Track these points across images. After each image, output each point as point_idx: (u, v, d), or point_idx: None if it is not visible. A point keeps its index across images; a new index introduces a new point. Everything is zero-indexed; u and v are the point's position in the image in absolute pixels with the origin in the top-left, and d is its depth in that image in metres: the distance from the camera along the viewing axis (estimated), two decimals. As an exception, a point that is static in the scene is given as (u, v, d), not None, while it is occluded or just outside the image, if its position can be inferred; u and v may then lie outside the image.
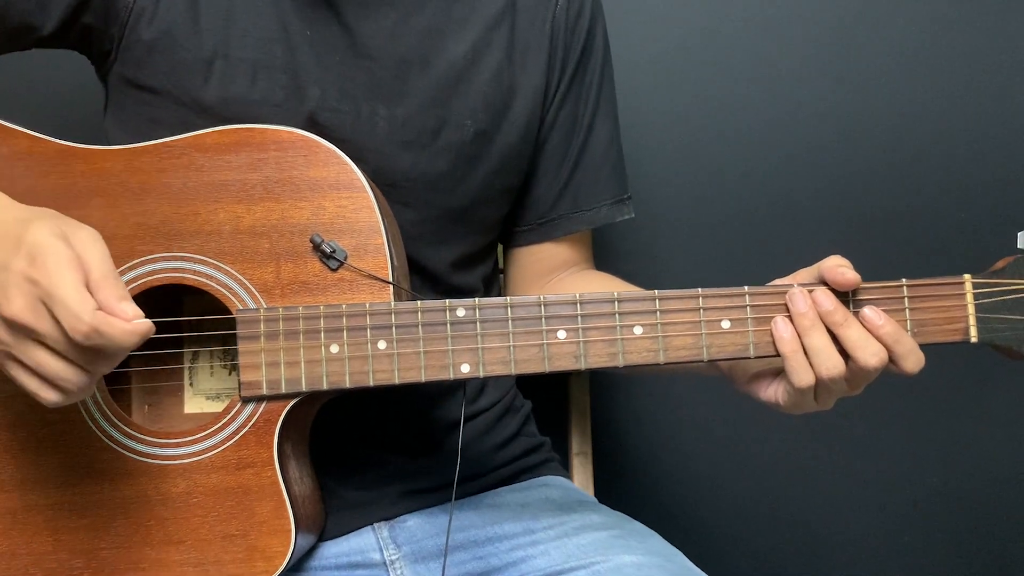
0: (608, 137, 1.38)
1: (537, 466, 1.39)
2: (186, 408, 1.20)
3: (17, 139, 1.11)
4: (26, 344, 0.94)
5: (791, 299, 1.07)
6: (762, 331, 1.08)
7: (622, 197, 1.39)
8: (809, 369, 1.06)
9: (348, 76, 1.22)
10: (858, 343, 1.05)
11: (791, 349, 1.06)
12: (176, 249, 1.10)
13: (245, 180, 1.10)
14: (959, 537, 1.86)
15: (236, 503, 1.09)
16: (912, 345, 1.06)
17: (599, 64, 1.36)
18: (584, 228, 1.39)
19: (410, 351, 1.08)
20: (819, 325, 1.06)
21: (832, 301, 1.06)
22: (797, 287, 1.07)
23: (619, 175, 1.39)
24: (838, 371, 1.05)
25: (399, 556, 1.25)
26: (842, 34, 1.77)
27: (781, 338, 1.07)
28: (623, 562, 1.16)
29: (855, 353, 1.05)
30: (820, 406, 1.11)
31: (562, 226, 1.37)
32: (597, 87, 1.36)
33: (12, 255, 0.94)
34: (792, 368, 1.06)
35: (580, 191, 1.36)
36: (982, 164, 1.78)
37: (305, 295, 1.09)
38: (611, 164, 1.38)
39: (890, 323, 1.06)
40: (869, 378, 1.08)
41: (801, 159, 1.78)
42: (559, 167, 1.35)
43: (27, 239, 0.93)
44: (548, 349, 1.08)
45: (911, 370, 1.06)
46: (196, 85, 1.18)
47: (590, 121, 1.36)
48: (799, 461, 1.84)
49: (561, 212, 1.37)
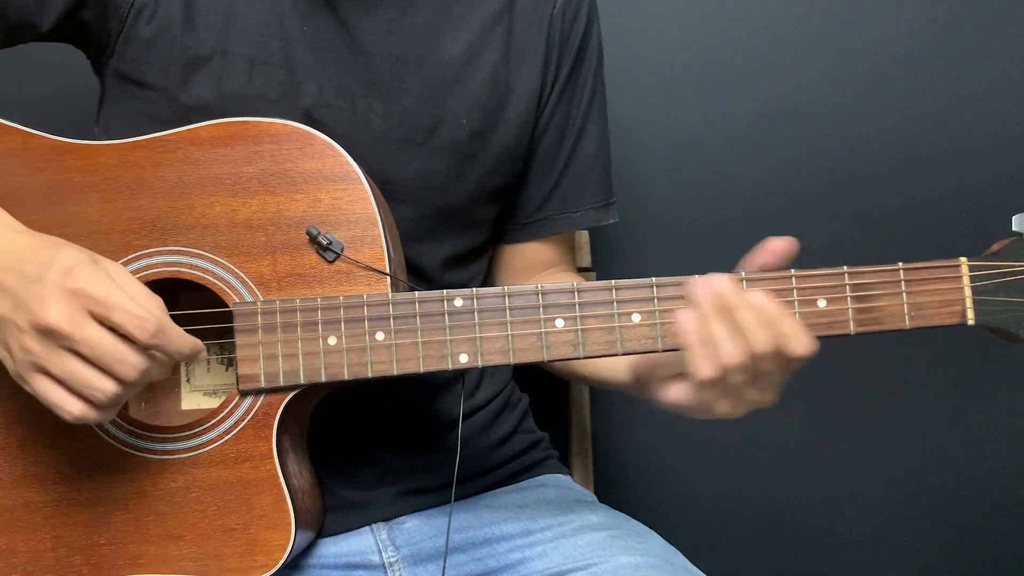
0: (598, 141, 1.38)
1: (536, 465, 1.39)
2: (183, 405, 1.20)
3: (11, 135, 1.11)
4: (58, 353, 0.95)
5: (692, 287, 1.04)
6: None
7: (608, 202, 1.40)
8: (709, 361, 1.02)
9: (345, 72, 1.22)
10: (748, 328, 1.02)
11: (694, 340, 1.03)
12: (172, 243, 1.10)
13: (240, 173, 1.10)
14: (959, 537, 1.86)
15: (235, 497, 1.09)
16: (797, 327, 1.03)
17: (593, 68, 1.37)
18: (570, 230, 1.40)
19: (408, 342, 1.07)
20: (719, 314, 1.02)
21: (727, 284, 1.03)
22: (696, 277, 1.05)
23: (606, 180, 1.40)
24: (736, 359, 1.01)
25: (398, 558, 1.25)
26: (836, 27, 1.78)
27: (684, 330, 1.03)
28: (622, 563, 1.15)
29: (747, 337, 1.02)
30: (728, 411, 1.06)
31: (548, 227, 1.38)
32: (590, 91, 1.36)
33: (46, 269, 0.96)
34: (692, 360, 1.03)
35: (568, 193, 1.37)
36: (975, 151, 1.79)
37: (302, 287, 1.09)
38: (600, 168, 1.39)
39: (775, 306, 1.03)
40: (768, 373, 1.04)
41: (797, 154, 1.79)
42: (550, 169, 1.36)
43: (59, 260, 0.96)
44: (546, 338, 1.08)
45: (800, 353, 1.02)
46: (193, 81, 1.18)
47: (582, 124, 1.36)
48: (799, 461, 1.84)
49: (549, 213, 1.37)
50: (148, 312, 0.96)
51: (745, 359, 1.02)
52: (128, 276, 0.99)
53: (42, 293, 0.95)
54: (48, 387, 0.97)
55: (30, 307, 0.95)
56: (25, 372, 0.97)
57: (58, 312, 0.94)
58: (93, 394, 0.96)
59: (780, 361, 1.03)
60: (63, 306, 0.94)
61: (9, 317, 0.96)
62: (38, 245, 1.00)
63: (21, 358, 0.96)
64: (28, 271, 0.97)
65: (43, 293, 0.95)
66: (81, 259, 0.97)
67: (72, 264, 0.96)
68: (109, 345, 0.95)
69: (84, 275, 0.95)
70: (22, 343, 0.96)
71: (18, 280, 0.97)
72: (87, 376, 0.95)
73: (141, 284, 0.99)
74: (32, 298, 0.95)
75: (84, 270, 0.96)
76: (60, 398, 0.96)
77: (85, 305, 0.95)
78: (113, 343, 0.95)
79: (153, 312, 0.97)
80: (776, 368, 1.04)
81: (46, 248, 0.99)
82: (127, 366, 0.95)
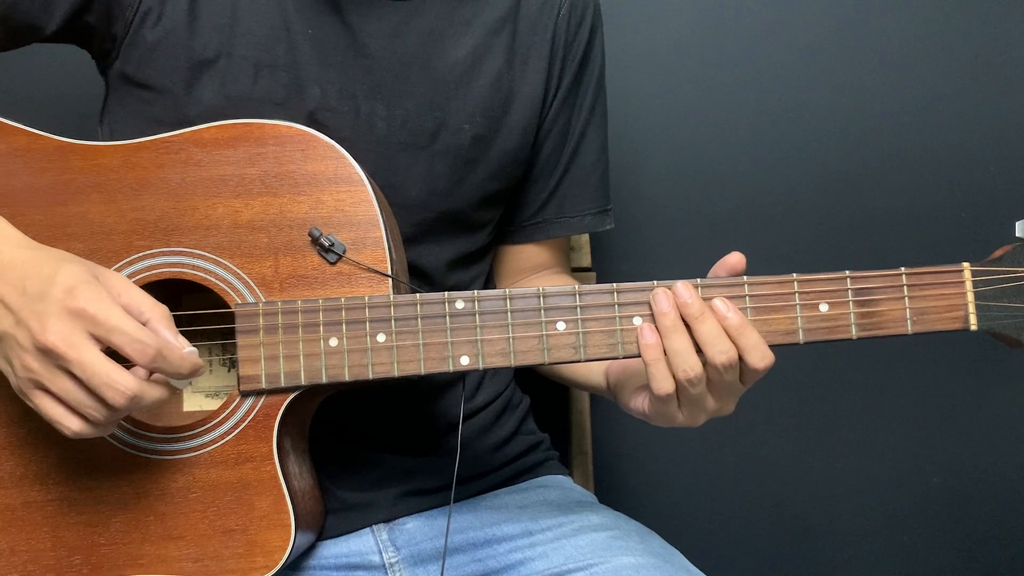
0: (599, 147, 1.39)
1: (536, 466, 1.39)
2: (185, 406, 1.20)
3: (15, 136, 1.11)
4: (56, 372, 0.96)
5: (654, 298, 1.05)
6: (760, 320, 1.07)
7: (606, 208, 1.41)
8: (669, 376, 1.03)
9: (349, 75, 1.22)
10: (709, 339, 1.02)
11: (653, 356, 1.04)
12: (174, 244, 1.10)
13: (243, 175, 1.10)
14: (959, 537, 1.86)
15: (235, 498, 1.09)
16: (757, 340, 1.03)
17: (595, 75, 1.37)
18: (566, 234, 1.40)
19: (409, 343, 1.07)
20: (680, 326, 1.03)
21: (690, 294, 1.04)
22: (659, 289, 1.06)
23: (604, 186, 1.41)
24: (695, 372, 1.02)
25: (398, 559, 1.25)
26: (837, 30, 1.78)
27: (645, 345, 1.04)
28: (622, 563, 1.16)
29: (707, 350, 1.02)
30: (688, 421, 1.07)
31: (546, 230, 1.38)
32: (592, 97, 1.37)
33: (48, 286, 0.96)
34: (652, 375, 1.04)
35: (567, 198, 1.37)
36: (979, 157, 1.79)
37: (304, 289, 1.09)
38: (599, 175, 1.39)
39: (738, 315, 1.03)
40: (727, 384, 1.05)
41: (799, 156, 1.78)
42: (550, 174, 1.36)
43: (61, 278, 0.97)
44: (547, 340, 1.07)
45: (757, 365, 1.03)
46: (198, 84, 1.18)
47: (583, 130, 1.36)
48: (799, 461, 1.84)
49: (546, 217, 1.38)
50: (148, 336, 0.96)
51: (703, 372, 1.03)
52: (132, 288, 1.00)
53: (43, 312, 0.95)
54: (48, 403, 0.98)
55: (31, 326, 0.95)
56: (26, 388, 0.98)
57: (57, 333, 0.94)
58: (89, 413, 0.97)
59: (739, 372, 1.04)
60: (63, 326, 0.95)
61: (11, 334, 0.97)
62: (41, 260, 1.00)
63: (22, 375, 0.97)
64: (30, 288, 0.97)
65: (44, 312, 0.95)
66: (84, 277, 0.97)
67: (74, 283, 0.96)
68: (99, 368, 0.95)
69: (86, 295, 0.96)
70: (23, 360, 0.96)
71: (20, 297, 0.97)
72: (80, 397, 0.96)
73: (145, 295, 1.00)
74: (33, 317, 0.95)
75: (86, 290, 0.96)
76: (59, 414, 0.98)
77: (85, 327, 0.95)
78: (105, 368, 0.95)
79: (152, 336, 0.97)
80: (734, 379, 1.05)
81: (49, 263, 0.99)
82: (115, 392, 0.96)
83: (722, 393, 1.06)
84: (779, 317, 1.07)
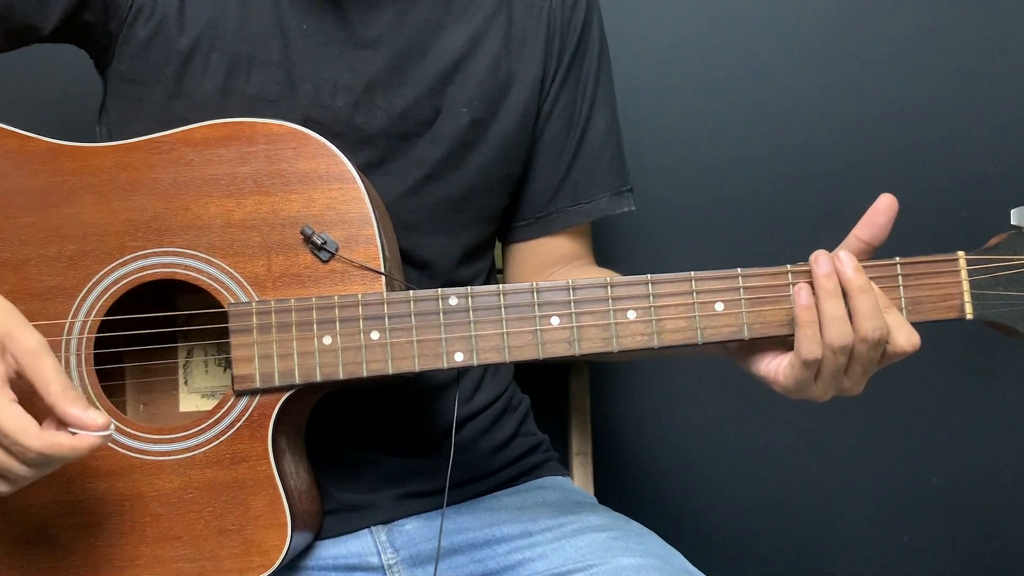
0: (606, 129, 1.37)
1: (536, 467, 1.38)
2: (181, 406, 1.19)
3: (6, 138, 1.11)
4: None
5: (815, 261, 1.05)
6: (755, 312, 1.07)
7: (621, 189, 1.38)
8: (819, 340, 1.03)
9: (346, 68, 1.22)
10: (868, 312, 1.03)
11: (808, 318, 1.04)
12: (167, 244, 1.10)
13: (235, 174, 1.10)
14: (959, 537, 1.86)
15: (231, 498, 1.08)
16: (903, 320, 1.05)
17: (595, 55, 1.36)
18: (582, 221, 1.38)
19: (403, 340, 1.07)
20: (839, 292, 1.03)
21: (852, 264, 1.04)
22: (821, 252, 1.05)
23: (618, 167, 1.39)
24: (847, 340, 1.02)
25: (397, 560, 1.25)
26: (835, 25, 1.79)
27: (802, 305, 1.04)
28: (621, 564, 1.15)
29: (863, 323, 1.03)
30: (819, 393, 1.07)
31: (560, 219, 1.37)
32: (594, 78, 1.36)
33: None
34: (802, 337, 1.04)
35: (579, 183, 1.36)
36: (973, 145, 1.80)
37: (297, 287, 1.09)
38: (609, 156, 1.38)
39: (884, 295, 1.05)
40: (868, 361, 1.05)
41: (795, 150, 1.79)
42: (557, 159, 1.35)
43: None
44: (542, 335, 1.07)
45: (904, 347, 1.04)
46: (191, 81, 1.19)
47: (588, 113, 1.35)
48: (799, 461, 1.84)
49: (560, 205, 1.36)
50: (29, 441, 0.95)
51: (851, 343, 1.03)
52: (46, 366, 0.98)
53: None
54: None
55: None
56: None
57: None
58: (10, 476, 0.98)
59: (880, 352, 1.05)
60: None
61: None
62: None
63: None
64: None
65: None
66: None
67: None
68: None
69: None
70: None
71: None
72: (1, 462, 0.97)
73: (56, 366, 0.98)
74: None
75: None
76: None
77: None
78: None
79: (32, 438, 0.95)
80: (875, 358, 1.05)
81: None
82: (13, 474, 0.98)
83: (861, 369, 1.06)
84: (773, 309, 1.07)
